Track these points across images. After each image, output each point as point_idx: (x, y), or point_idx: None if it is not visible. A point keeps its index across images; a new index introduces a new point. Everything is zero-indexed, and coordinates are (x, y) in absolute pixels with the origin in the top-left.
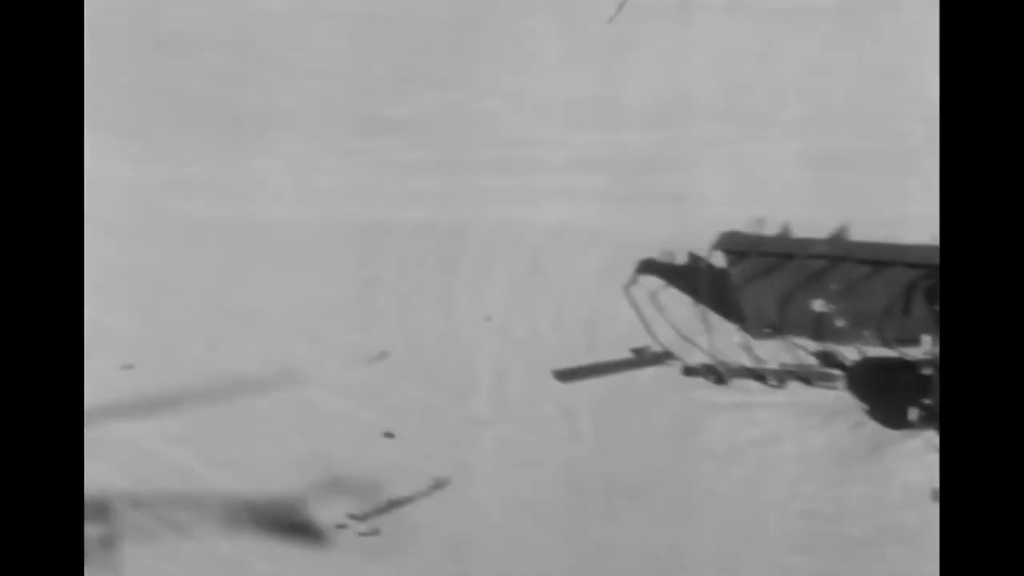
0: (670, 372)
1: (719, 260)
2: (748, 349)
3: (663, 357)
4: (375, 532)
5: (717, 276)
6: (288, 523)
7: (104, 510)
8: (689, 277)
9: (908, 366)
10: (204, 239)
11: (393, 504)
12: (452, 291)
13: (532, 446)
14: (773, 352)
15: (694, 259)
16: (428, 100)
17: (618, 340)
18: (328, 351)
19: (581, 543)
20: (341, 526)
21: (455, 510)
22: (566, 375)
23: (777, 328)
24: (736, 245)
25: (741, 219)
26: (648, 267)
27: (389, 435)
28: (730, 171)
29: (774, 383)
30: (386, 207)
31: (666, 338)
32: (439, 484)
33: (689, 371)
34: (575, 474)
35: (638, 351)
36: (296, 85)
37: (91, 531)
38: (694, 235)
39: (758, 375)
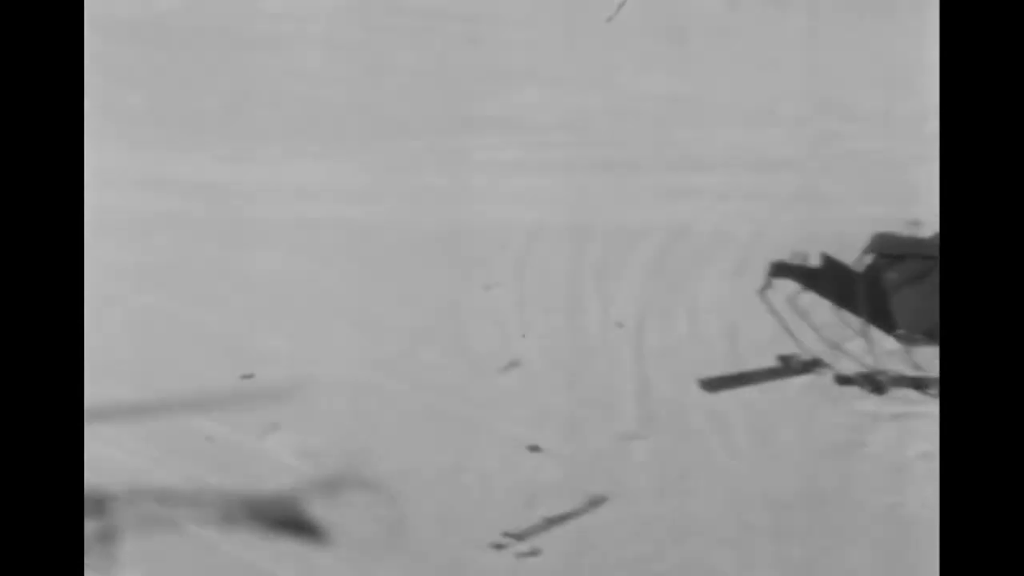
0: (822, 381)
1: (862, 263)
2: (904, 356)
3: (813, 365)
4: (535, 553)
5: (867, 280)
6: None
7: (102, 505)
8: (827, 280)
9: None
10: (309, 242)
11: (550, 522)
12: (577, 296)
13: (687, 460)
14: (930, 359)
15: (829, 261)
16: (522, 98)
17: (761, 347)
18: (456, 358)
19: (754, 562)
20: (498, 546)
21: (618, 528)
22: (712, 384)
23: (934, 335)
24: (890, 248)
25: (867, 218)
26: (781, 270)
27: (535, 448)
28: (851, 169)
29: (935, 392)
30: (493, 209)
31: (812, 345)
32: (596, 501)
33: (843, 380)
34: (737, 490)
35: (785, 359)
36: (383, 83)
37: (89, 526)
38: (823, 236)
39: (918, 383)
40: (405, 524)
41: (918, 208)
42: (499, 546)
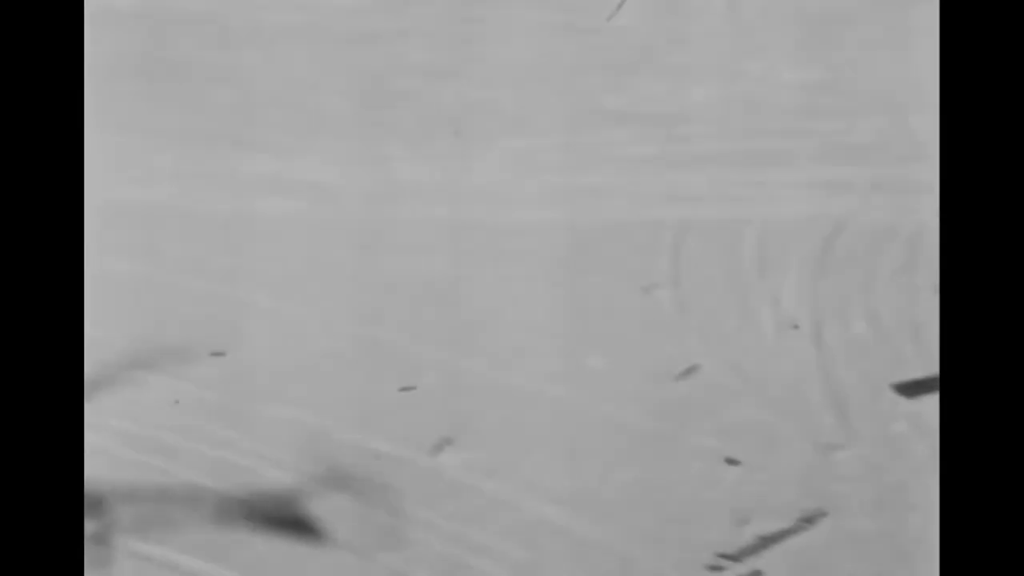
0: None
1: None
2: None
3: None
4: (758, 575)
5: None
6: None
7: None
8: None
9: None
10: (449, 246)
11: (766, 541)
12: (742, 296)
13: (898, 471)
14: None
15: None
16: (650, 91)
17: None
18: (626, 365)
19: None
20: (716, 568)
21: (840, 547)
22: (908, 389)
23: None
24: None
25: None
26: None
27: (733, 462)
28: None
29: None
30: (637, 207)
31: None
32: (810, 517)
33: None
34: None
35: None
36: (496, 78)
37: (86, 526)
38: None
39: None
40: (403, 525)
41: None
42: (716, 568)
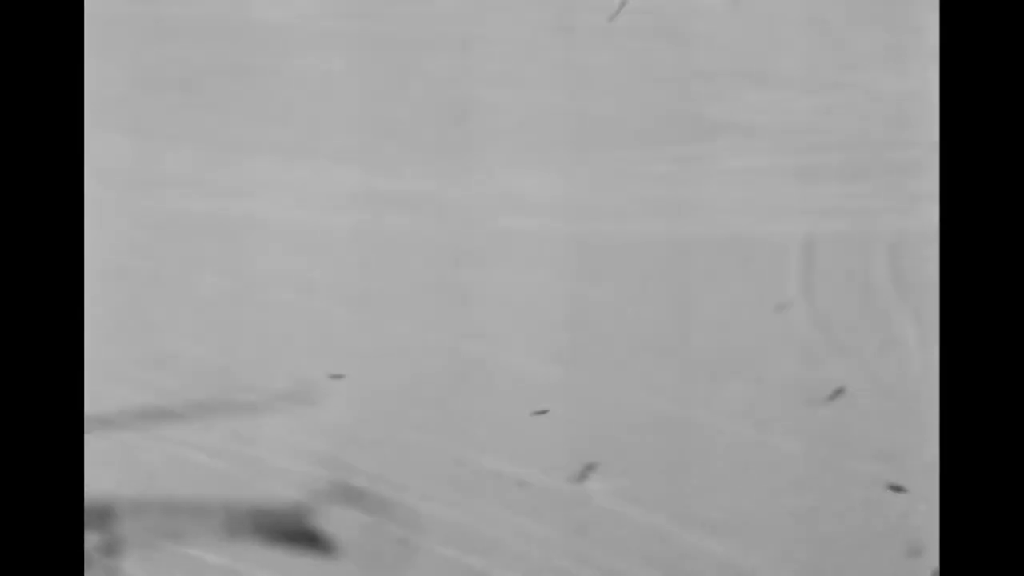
0: None
1: None
2: None
3: None
4: None
5: None
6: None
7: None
8: None
9: None
10: (555, 259)
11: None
12: (883, 313)
13: None
14: None
15: None
16: (753, 100)
17: None
18: (767, 388)
19: None
20: None
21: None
22: None
23: None
24: None
25: None
26: None
27: (898, 489)
28: None
29: None
30: (757, 221)
31: None
32: None
33: None
34: None
35: None
36: (591, 87)
37: (91, 538)
38: None
39: None
40: (415, 541)
41: None
42: None
